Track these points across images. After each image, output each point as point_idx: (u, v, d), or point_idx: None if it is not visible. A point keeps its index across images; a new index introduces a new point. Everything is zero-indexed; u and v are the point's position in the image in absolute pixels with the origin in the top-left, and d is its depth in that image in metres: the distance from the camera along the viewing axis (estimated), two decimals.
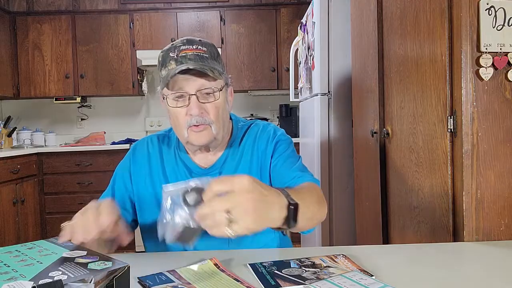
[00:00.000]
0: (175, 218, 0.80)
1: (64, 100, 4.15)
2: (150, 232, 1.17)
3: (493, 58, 1.14)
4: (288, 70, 3.77)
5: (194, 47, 1.06)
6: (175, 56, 1.05)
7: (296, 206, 0.80)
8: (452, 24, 1.22)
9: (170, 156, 1.18)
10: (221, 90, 1.07)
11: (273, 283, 0.81)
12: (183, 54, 1.05)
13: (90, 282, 0.69)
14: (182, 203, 0.79)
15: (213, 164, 1.15)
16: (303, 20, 2.99)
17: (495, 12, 1.14)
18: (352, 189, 2.50)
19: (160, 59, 1.10)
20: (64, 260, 0.84)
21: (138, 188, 1.18)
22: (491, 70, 1.15)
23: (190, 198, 0.79)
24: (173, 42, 1.09)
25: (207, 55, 1.06)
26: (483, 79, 1.15)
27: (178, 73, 1.02)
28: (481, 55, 1.15)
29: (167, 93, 1.06)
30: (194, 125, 1.05)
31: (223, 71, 1.10)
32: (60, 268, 0.79)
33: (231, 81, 1.15)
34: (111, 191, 1.20)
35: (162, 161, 1.18)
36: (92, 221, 0.86)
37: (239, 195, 0.71)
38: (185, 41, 1.08)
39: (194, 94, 1.04)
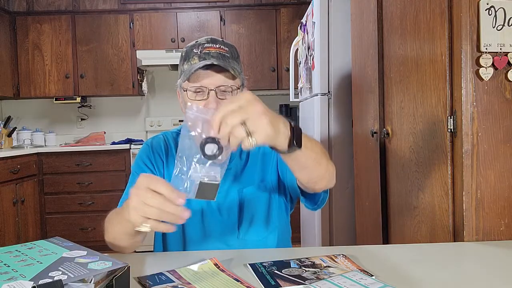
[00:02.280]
0: (195, 173, 0.78)
1: (64, 100, 4.15)
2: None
3: (493, 58, 1.14)
4: (288, 70, 3.77)
5: (217, 46, 1.10)
6: (199, 53, 1.09)
7: (298, 129, 0.84)
8: (452, 24, 1.22)
9: None
10: (238, 89, 1.11)
11: (273, 283, 0.81)
12: (207, 52, 1.08)
13: (90, 282, 0.69)
14: (201, 156, 0.77)
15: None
16: (303, 20, 2.99)
17: (495, 12, 1.14)
18: (352, 189, 2.50)
19: (183, 54, 1.13)
20: (64, 260, 0.84)
21: (158, 174, 1.19)
22: (491, 70, 1.15)
23: (209, 150, 0.76)
24: (198, 40, 1.13)
25: (228, 55, 1.10)
26: (483, 79, 1.15)
27: (201, 68, 1.05)
28: (481, 55, 1.15)
29: (188, 86, 1.09)
30: None
31: (241, 71, 1.14)
32: (60, 268, 0.79)
33: (246, 83, 1.19)
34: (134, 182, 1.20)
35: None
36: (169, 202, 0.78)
37: (248, 106, 0.74)
38: (209, 39, 1.12)
39: (213, 90, 1.07)
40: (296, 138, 0.82)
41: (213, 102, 1.06)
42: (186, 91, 1.09)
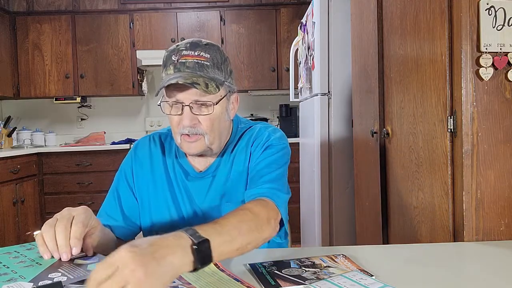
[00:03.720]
0: None
1: (64, 100, 4.15)
2: (151, 231, 1.18)
3: (493, 58, 1.14)
4: (288, 70, 3.77)
5: (196, 53, 1.03)
6: (175, 61, 1.03)
7: (204, 241, 0.73)
8: (452, 24, 1.22)
9: (171, 157, 1.18)
10: (217, 103, 1.04)
11: (273, 283, 0.81)
12: (183, 61, 1.02)
13: None
14: None
15: (208, 167, 1.15)
16: (303, 20, 2.99)
17: (495, 12, 1.14)
18: (352, 189, 2.50)
19: (164, 59, 1.08)
20: (63, 261, 0.84)
21: (139, 186, 1.18)
22: (491, 70, 1.15)
23: None
24: (179, 43, 1.07)
25: (208, 63, 1.03)
26: (483, 79, 1.15)
27: (171, 83, 0.99)
28: (481, 55, 1.15)
29: (163, 99, 1.06)
30: (186, 135, 1.05)
31: (225, 79, 1.06)
32: (59, 269, 0.79)
33: (236, 88, 1.12)
34: (115, 191, 1.20)
35: (164, 160, 1.18)
36: (63, 236, 0.86)
37: (123, 270, 0.62)
38: (188, 45, 1.04)
39: (188, 105, 1.02)
40: (201, 257, 0.72)
41: (186, 120, 1.02)
42: (161, 103, 1.06)
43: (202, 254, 0.72)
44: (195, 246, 0.71)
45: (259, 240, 0.90)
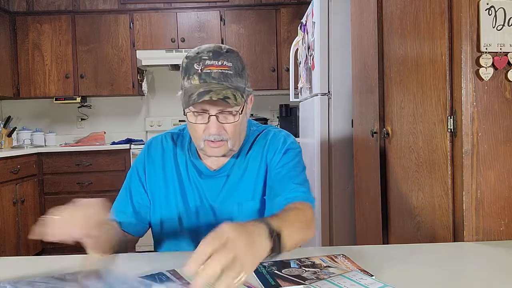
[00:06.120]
0: None
1: (64, 100, 4.14)
2: (160, 230, 1.20)
3: (493, 58, 1.14)
4: (288, 70, 3.77)
5: (220, 63, 1.04)
6: (199, 71, 1.04)
7: (278, 233, 0.79)
8: (452, 24, 1.22)
9: (183, 156, 1.21)
10: (241, 111, 1.08)
11: (273, 283, 0.81)
12: (207, 71, 1.04)
13: None
14: None
15: (222, 167, 1.18)
16: (303, 20, 2.99)
17: (495, 12, 1.14)
18: (352, 189, 2.50)
19: (184, 65, 1.08)
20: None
21: (151, 184, 1.20)
22: (491, 70, 1.15)
23: None
24: (199, 50, 1.07)
25: (231, 72, 1.05)
26: (483, 79, 1.15)
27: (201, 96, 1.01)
28: (481, 55, 1.15)
29: (189, 109, 1.06)
30: (211, 141, 1.08)
31: (245, 86, 1.09)
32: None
33: (251, 90, 1.15)
34: (128, 188, 1.22)
35: (176, 159, 1.21)
36: (81, 218, 0.84)
37: (233, 242, 0.68)
38: (211, 54, 1.05)
39: (214, 115, 1.05)
40: (276, 247, 0.78)
41: (213, 128, 1.05)
42: (187, 113, 1.08)
43: (276, 244, 0.78)
44: (272, 235, 0.77)
45: (306, 239, 0.95)
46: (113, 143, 4.04)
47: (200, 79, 1.04)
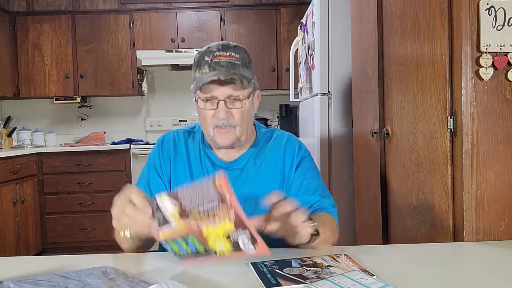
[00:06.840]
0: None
1: (64, 100, 4.14)
2: None
3: (493, 58, 1.15)
4: (288, 70, 3.77)
5: (228, 54, 1.13)
6: (209, 61, 1.13)
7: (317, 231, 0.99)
8: (452, 24, 1.22)
9: (195, 150, 1.25)
10: (248, 97, 1.15)
11: (274, 282, 0.81)
12: (217, 61, 1.12)
13: None
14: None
15: (236, 159, 1.22)
16: (303, 20, 2.99)
17: (495, 12, 1.15)
18: (352, 189, 2.50)
19: (195, 60, 1.17)
20: None
21: (166, 176, 1.24)
22: (491, 70, 1.15)
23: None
24: (209, 46, 1.17)
25: (239, 62, 1.14)
26: (483, 79, 1.16)
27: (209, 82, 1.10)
28: (481, 55, 1.15)
29: (199, 95, 1.15)
30: (220, 127, 1.14)
31: (252, 77, 1.17)
32: None
33: (258, 85, 1.23)
34: (145, 179, 1.24)
35: (188, 153, 1.25)
36: (141, 214, 0.89)
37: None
38: (220, 47, 1.15)
39: (223, 100, 1.12)
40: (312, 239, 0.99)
41: (222, 113, 1.13)
42: (197, 100, 1.16)
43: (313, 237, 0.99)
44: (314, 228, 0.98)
45: (334, 243, 1.09)
46: (113, 143, 4.04)
47: (210, 67, 1.12)
